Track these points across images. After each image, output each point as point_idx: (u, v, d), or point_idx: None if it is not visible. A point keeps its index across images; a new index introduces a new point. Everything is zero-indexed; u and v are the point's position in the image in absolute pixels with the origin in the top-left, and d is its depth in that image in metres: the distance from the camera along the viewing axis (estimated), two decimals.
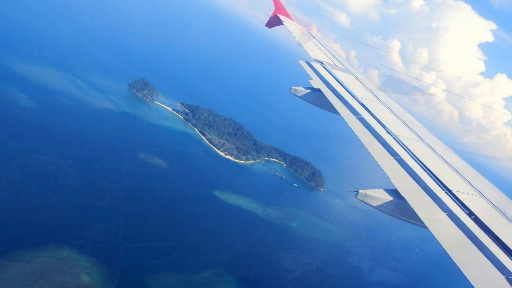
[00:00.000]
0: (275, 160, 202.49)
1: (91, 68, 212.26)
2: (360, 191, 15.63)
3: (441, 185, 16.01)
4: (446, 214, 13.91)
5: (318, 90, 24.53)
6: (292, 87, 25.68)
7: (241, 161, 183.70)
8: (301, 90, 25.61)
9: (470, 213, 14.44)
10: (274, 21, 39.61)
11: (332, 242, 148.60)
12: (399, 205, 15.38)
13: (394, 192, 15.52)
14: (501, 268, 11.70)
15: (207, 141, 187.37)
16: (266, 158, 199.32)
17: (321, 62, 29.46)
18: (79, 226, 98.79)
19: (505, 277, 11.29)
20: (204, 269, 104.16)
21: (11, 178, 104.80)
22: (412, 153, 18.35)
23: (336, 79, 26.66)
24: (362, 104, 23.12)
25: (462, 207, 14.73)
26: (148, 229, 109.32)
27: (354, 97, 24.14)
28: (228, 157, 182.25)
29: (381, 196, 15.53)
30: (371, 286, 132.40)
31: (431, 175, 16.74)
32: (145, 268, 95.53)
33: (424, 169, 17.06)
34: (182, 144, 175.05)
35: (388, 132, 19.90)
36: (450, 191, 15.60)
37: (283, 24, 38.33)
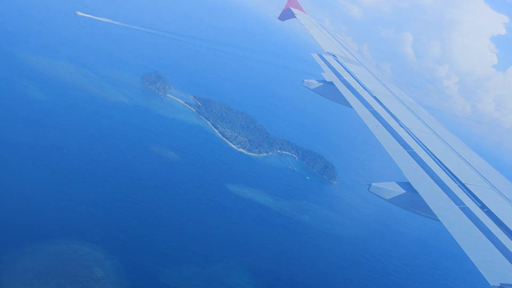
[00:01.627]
0: (287, 153, 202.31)
1: (104, 61, 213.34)
2: (372, 184, 15.71)
3: (454, 178, 16.03)
4: (459, 207, 13.95)
5: (331, 83, 24.51)
6: (305, 80, 25.65)
7: (253, 154, 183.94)
8: (314, 83, 25.58)
9: (483, 206, 14.46)
10: (287, 14, 39.59)
11: (345, 236, 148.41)
12: (411, 198, 15.44)
13: (406, 185, 15.57)
14: None
15: (220, 134, 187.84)
16: (279, 151, 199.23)
17: (334, 55, 29.38)
18: (91, 218, 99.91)
19: None
20: (217, 262, 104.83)
21: (23, 171, 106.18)
22: (424, 146, 18.36)
23: (348, 72, 26.59)
24: (375, 97, 23.09)
25: (475, 200, 14.75)
26: (161, 222, 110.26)
27: (366, 90, 24.09)
28: (241, 150, 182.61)
29: (393, 189, 15.60)
30: (383, 282, 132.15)
31: (444, 168, 16.75)
32: (157, 261, 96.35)
33: (436, 162, 17.07)
34: (195, 137, 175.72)
35: (401, 125, 19.91)
36: (463, 184, 15.62)
37: (295, 17, 38.31)
